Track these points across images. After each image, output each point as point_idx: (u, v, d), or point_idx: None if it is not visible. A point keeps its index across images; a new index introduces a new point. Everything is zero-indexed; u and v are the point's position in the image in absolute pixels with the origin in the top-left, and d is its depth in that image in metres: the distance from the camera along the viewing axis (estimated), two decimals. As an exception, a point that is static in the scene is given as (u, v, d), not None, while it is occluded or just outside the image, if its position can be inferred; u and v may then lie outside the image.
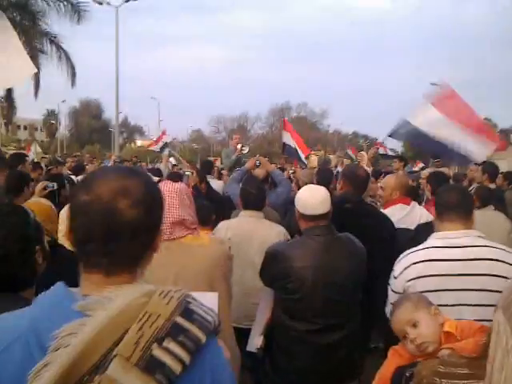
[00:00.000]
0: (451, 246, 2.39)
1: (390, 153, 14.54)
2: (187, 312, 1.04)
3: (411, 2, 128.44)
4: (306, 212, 2.91)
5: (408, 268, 2.43)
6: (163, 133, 13.55)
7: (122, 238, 1.09)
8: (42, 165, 8.26)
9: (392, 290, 2.51)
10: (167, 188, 2.45)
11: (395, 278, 2.48)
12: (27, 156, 7.25)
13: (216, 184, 7.04)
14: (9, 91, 20.83)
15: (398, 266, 2.49)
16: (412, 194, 4.45)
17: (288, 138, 10.33)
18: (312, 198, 2.90)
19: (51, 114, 62.01)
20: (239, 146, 8.13)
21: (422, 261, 2.41)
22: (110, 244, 1.08)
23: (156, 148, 11.71)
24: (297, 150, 10.28)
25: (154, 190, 1.18)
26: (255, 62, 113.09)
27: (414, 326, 1.93)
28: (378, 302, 2.75)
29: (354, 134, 65.61)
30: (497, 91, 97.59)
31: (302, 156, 10.28)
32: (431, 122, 5.65)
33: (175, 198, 2.42)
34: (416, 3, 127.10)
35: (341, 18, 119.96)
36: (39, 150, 23.83)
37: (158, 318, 1.00)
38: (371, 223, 3.57)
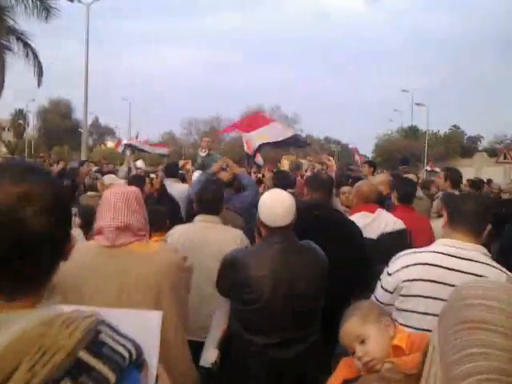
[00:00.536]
0: (459, 256, 2.29)
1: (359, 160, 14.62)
2: (95, 345, 0.87)
3: (385, 7, 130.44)
4: (265, 222, 2.77)
5: (407, 268, 2.33)
6: (136, 137, 13.32)
7: (28, 254, 0.90)
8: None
9: (382, 287, 2.41)
10: (113, 192, 2.28)
11: (389, 275, 2.38)
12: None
13: (181, 187, 6.83)
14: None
15: (396, 264, 2.39)
16: (379, 200, 4.32)
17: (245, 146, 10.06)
18: (273, 210, 2.73)
19: (19, 114, 60.57)
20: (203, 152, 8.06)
21: (424, 263, 2.31)
22: (14, 262, 0.89)
23: (120, 149, 11.45)
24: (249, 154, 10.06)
25: (61, 191, 1.00)
26: (229, 64, 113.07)
27: (362, 342, 1.79)
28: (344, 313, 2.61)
29: (326, 139, 66.02)
30: (466, 99, 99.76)
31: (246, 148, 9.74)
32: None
33: (120, 202, 2.23)
34: (390, 9, 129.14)
35: (314, 22, 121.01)
36: (5, 150, 23.25)
37: (55, 354, 0.82)
38: (339, 231, 3.46)
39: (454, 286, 2.09)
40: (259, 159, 10.35)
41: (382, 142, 48.93)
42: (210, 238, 3.50)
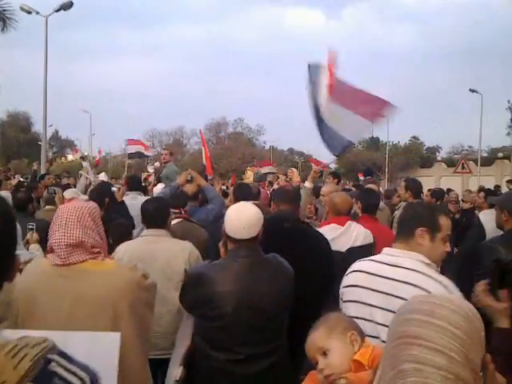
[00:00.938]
0: (383, 261, 2.33)
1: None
2: (44, 376, 0.79)
3: (345, 23, 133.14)
4: (230, 234, 2.71)
5: (346, 275, 2.45)
6: (99, 152, 13.08)
7: None
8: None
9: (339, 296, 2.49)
10: (66, 207, 2.18)
11: (340, 283, 2.49)
12: None
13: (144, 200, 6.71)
14: None
15: (346, 272, 2.50)
16: (349, 213, 4.31)
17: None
18: (238, 222, 2.66)
19: (-24, 126, 58.88)
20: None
21: (356, 270, 2.41)
22: None
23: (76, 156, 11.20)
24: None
25: (5, 208, 0.92)
26: (190, 75, 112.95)
27: (325, 354, 1.76)
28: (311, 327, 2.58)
29: (290, 150, 66.55)
30: (424, 110, 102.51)
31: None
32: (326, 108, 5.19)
33: (72, 217, 2.12)
34: (349, 24, 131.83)
35: (276, 33, 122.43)
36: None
37: None
38: (307, 243, 3.40)
39: (379, 291, 2.22)
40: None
41: (345, 153, 49.63)
42: (157, 252, 3.41)
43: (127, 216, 5.34)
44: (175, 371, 2.75)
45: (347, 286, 2.40)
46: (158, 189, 6.95)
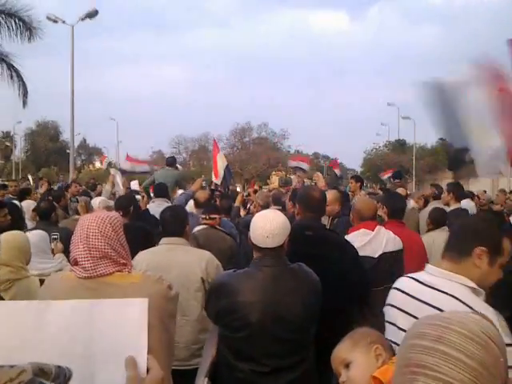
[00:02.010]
0: (424, 282, 2.05)
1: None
2: None
3: (369, 24, 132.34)
4: (254, 242, 2.66)
5: (390, 291, 2.20)
6: (126, 155, 13.13)
7: None
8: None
9: None
10: (87, 218, 2.15)
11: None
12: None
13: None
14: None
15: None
16: (374, 217, 4.20)
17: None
18: (263, 230, 2.61)
19: (6, 136, 60.24)
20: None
21: (396, 288, 2.18)
22: None
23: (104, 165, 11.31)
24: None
25: None
26: (216, 81, 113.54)
27: (347, 366, 1.70)
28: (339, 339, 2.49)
29: (315, 154, 66.30)
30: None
31: (213, 178, 10.06)
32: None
33: (94, 228, 2.09)
34: (374, 26, 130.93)
35: (301, 40, 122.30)
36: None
37: None
38: (333, 252, 3.27)
39: (413, 316, 1.93)
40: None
41: (371, 157, 49.18)
42: (172, 263, 3.37)
43: (152, 224, 5.33)
44: (200, 382, 2.71)
45: (387, 305, 2.19)
46: (177, 194, 6.97)
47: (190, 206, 5.81)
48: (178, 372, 2.96)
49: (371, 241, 3.74)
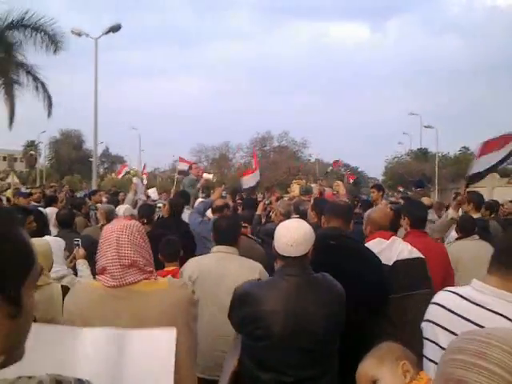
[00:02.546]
0: (470, 298, 1.92)
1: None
2: None
3: (390, 34, 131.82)
4: (278, 251, 2.65)
5: (430, 305, 2.06)
6: (143, 166, 13.33)
7: None
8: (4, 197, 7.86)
9: None
10: (115, 226, 2.16)
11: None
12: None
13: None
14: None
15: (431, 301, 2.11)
16: (393, 227, 4.15)
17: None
18: (286, 239, 2.60)
19: (31, 145, 61.39)
20: (205, 175, 8.04)
21: (436, 303, 2.04)
22: None
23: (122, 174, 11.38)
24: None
25: None
26: (237, 92, 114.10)
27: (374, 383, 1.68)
28: (362, 351, 2.46)
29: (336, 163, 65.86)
30: (474, 120, 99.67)
31: (249, 182, 10.17)
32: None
33: (124, 237, 2.11)
34: (394, 36, 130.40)
35: (322, 51, 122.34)
36: (16, 180, 23.41)
37: None
38: (357, 263, 3.24)
39: (453, 332, 1.83)
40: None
41: (392, 165, 48.77)
42: (226, 272, 3.36)
43: (184, 232, 5.37)
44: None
45: (426, 321, 2.06)
46: (197, 203, 7.03)
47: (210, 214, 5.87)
48: (212, 382, 2.98)
49: (385, 249, 3.69)
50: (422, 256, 3.74)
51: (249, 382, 2.62)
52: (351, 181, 15.11)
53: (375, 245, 3.69)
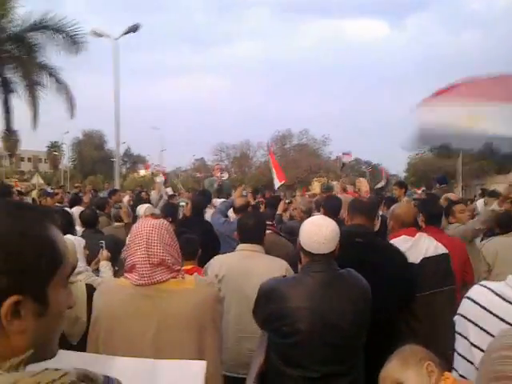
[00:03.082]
0: (503, 295, 1.83)
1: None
2: None
3: (410, 29, 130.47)
4: (306, 248, 2.63)
5: (463, 300, 1.95)
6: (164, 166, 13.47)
7: None
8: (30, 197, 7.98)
9: None
10: (145, 225, 2.18)
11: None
12: (13, 188, 7.02)
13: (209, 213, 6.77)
14: (8, 123, 20.76)
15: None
16: (415, 223, 4.08)
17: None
18: (316, 236, 2.58)
19: (55, 146, 62.40)
20: (219, 174, 8.13)
21: (469, 298, 1.93)
22: None
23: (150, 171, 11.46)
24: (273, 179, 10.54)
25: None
26: (257, 90, 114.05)
27: None
28: (389, 348, 2.42)
29: (357, 160, 65.49)
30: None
31: (276, 182, 10.34)
32: (452, 115, 4.11)
33: (154, 235, 2.12)
34: (414, 30, 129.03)
35: (341, 46, 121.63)
36: (41, 181, 23.80)
37: None
38: (382, 260, 3.20)
39: (487, 332, 1.75)
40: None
41: (416, 161, 48.26)
42: (252, 270, 3.33)
43: (207, 231, 5.40)
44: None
45: (459, 314, 1.95)
46: (218, 202, 7.06)
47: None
48: (238, 380, 2.97)
49: (412, 247, 3.63)
50: (446, 251, 3.70)
51: (275, 378, 2.62)
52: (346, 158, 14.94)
53: (401, 242, 3.64)
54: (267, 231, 4.24)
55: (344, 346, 2.54)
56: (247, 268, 3.36)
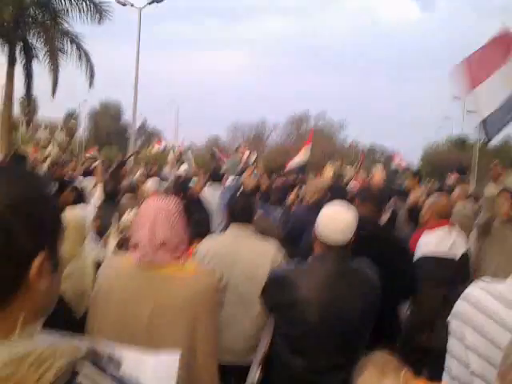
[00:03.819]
0: (501, 297, 1.73)
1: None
2: None
3: (436, 15, 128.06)
4: (321, 238, 2.57)
5: (458, 300, 1.87)
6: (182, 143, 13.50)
7: None
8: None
9: None
10: (153, 204, 2.14)
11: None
12: (27, 156, 7.07)
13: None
14: (28, 89, 20.77)
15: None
16: (446, 216, 4.00)
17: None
18: (333, 226, 2.53)
19: (72, 114, 62.55)
20: (246, 156, 8.13)
21: (465, 299, 1.84)
22: None
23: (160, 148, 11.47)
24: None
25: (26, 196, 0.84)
26: (278, 69, 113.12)
27: None
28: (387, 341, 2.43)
29: (372, 146, 64.94)
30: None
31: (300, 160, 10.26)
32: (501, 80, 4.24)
33: (162, 216, 2.08)
34: (442, 16, 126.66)
35: (364, 29, 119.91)
36: (56, 149, 23.90)
37: None
38: (387, 254, 3.11)
39: (479, 332, 1.67)
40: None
41: (431, 151, 47.78)
42: (242, 252, 3.24)
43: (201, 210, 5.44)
44: (252, 374, 2.72)
45: (452, 316, 1.90)
46: (229, 181, 7.10)
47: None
48: (236, 368, 2.97)
49: (455, 242, 3.59)
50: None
51: (280, 367, 2.61)
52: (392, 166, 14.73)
53: (438, 237, 3.60)
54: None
55: (352, 338, 2.52)
56: (234, 252, 3.24)
